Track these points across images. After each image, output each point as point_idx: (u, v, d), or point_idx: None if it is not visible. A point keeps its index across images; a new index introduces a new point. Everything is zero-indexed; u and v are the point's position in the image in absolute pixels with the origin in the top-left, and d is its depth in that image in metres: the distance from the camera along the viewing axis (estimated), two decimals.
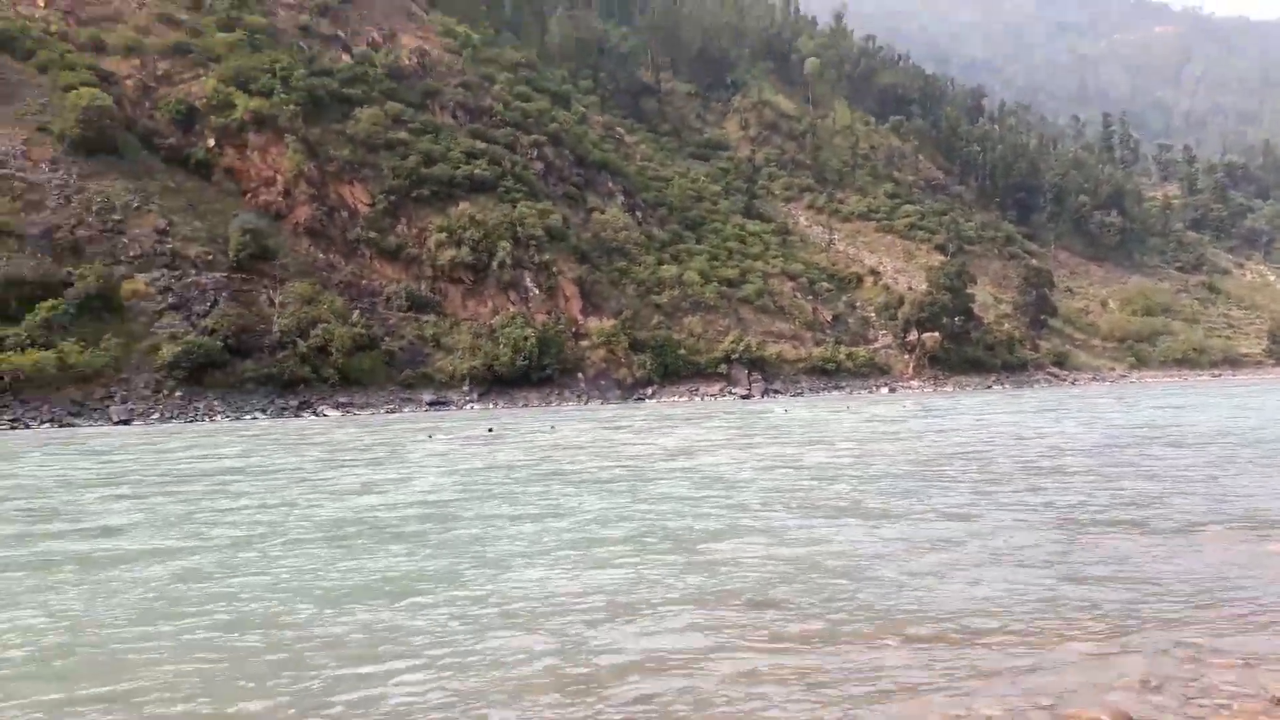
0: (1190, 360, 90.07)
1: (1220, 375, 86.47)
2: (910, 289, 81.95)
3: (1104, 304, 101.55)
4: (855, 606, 8.42)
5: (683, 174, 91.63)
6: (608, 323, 64.98)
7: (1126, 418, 32.75)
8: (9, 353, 44.58)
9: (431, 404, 53.83)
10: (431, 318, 61.80)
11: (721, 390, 64.13)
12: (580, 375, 61.94)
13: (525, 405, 55.77)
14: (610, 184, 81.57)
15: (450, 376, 57.38)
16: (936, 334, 74.21)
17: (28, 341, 45.66)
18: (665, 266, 74.21)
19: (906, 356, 75.26)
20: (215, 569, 10.21)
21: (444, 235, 65.29)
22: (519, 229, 66.98)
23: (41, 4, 69.24)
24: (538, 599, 8.81)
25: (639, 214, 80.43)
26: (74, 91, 59.45)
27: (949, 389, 69.47)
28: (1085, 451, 20.95)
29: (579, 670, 7.07)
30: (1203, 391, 57.76)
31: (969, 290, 78.75)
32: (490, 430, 32.20)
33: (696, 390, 63.50)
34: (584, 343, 64.02)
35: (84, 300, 49.10)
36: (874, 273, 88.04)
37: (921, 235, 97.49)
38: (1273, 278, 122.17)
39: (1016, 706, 6.19)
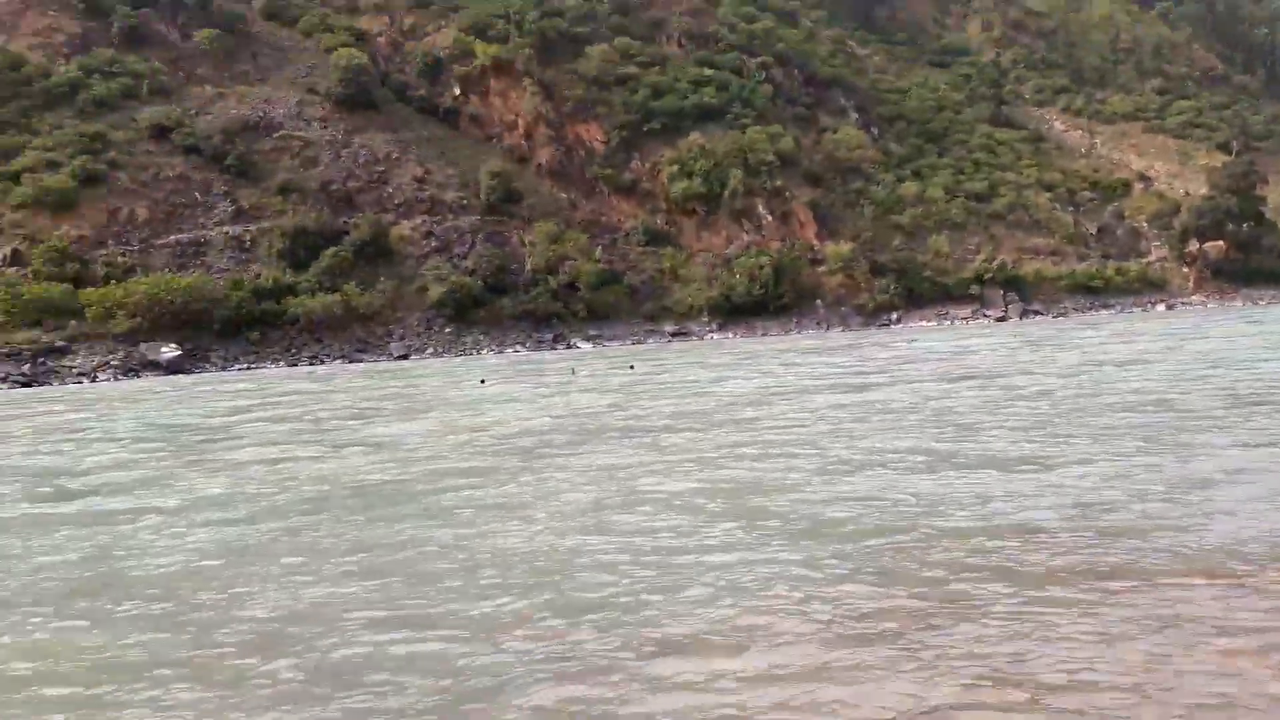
0: None
1: None
2: (1187, 194, 73.74)
3: None
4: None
5: (921, 84, 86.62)
6: (845, 246, 63.05)
7: None
8: (303, 297, 49.44)
9: (674, 334, 54.72)
10: (668, 250, 62.46)
11: (974, 313, 60.90)
12: (818, 302, 60.74)
13: (764, 334, 55.51)
14: (842, 101, 78.50)
15: (689, 308, 57.97)
16: (1220, 243, 66.61)
17: (317, 286, 50.38)
18: (905, 184, 70.88)
19: (1185, 269, 68.16)
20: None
21: (675, 168, 65.49)
22: (749, 156, 66.02)
23: None
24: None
25: (874, 130, 77.01)
26: (335, 52, 64.20)
27: (1237, 303, 62.46)
28: None
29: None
30: None
31: (1258, 192, 69.86)
32: (573, 371, 30.47)
33: (945, 314, 60.69)
34: (821, 268, 62.55)
35: (360, 247, 53.47)
36: (1143, 178, 79.90)
37: (1199, 134, 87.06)
38: None
39: None
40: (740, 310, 58.14)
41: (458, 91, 68.72)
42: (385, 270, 53.79)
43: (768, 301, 58.44)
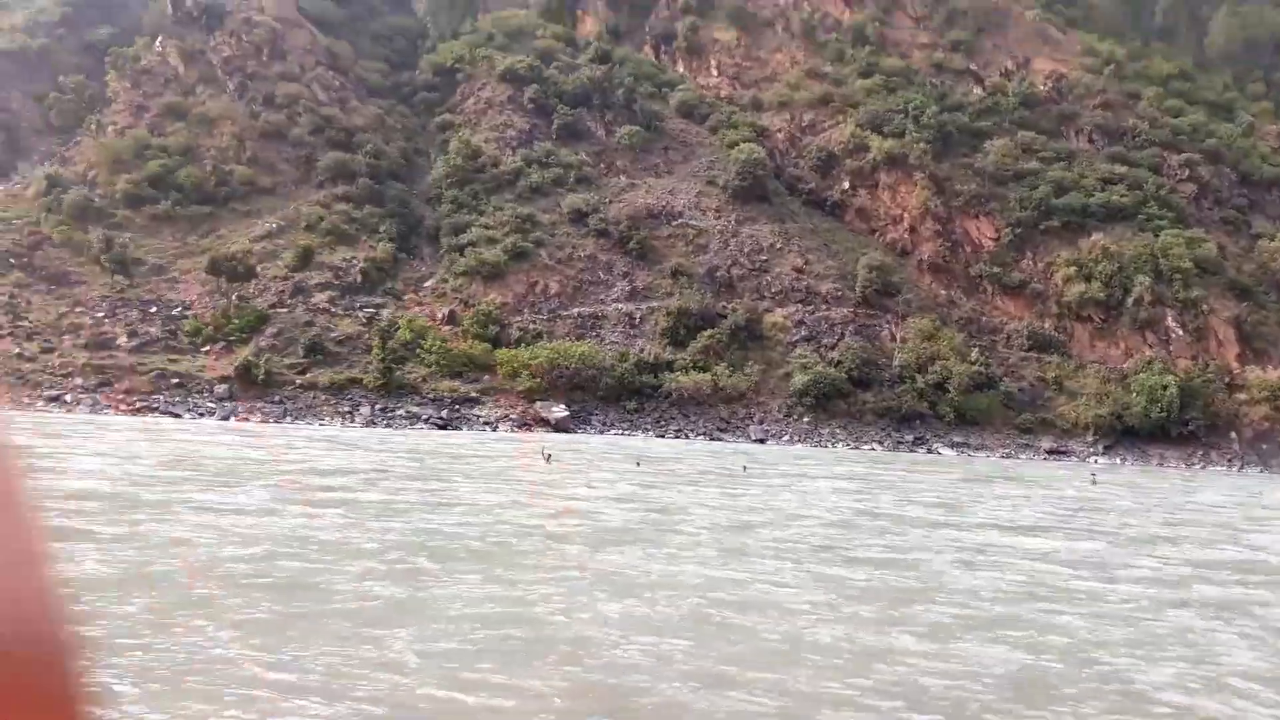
0: None
1: None
2: None
3: None
4: None
5: None
6: (1275, 373, 54.84)
7: None
8: (677, 374, 53.08)
9: (1050, 452, 50.86)
10: (1054, 358, 58.47)
11: None
12: (1234, 435, 53.25)
13: (1160, 464, 49.78)
14: None
15: (1073, 424, 53.63)
16: None
17: (690, 365, 53.82)
18: None
19: None
20: None
21: (1072, 270, 61.35)
22: (1161, 261, 60.07)
23: (715, 74, 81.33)
24: None
25: None
26: (735, 147, 68.72)
27: None
28: None
29: None
30: None
31: None
32: (547, 458, 28.44)
33: None
34: (1241, 396, 54.88)
35: (734, 331, 56.34)
36: None
37: None
38: None
39: None
40: (1134, 434, 52.73)
41: (847, 185, 70.30)
42: (754, 354, 56.08)
43: (1169, 427, 52.38)
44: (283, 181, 67.17)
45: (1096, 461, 49.53)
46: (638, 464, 29.30)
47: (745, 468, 30.04)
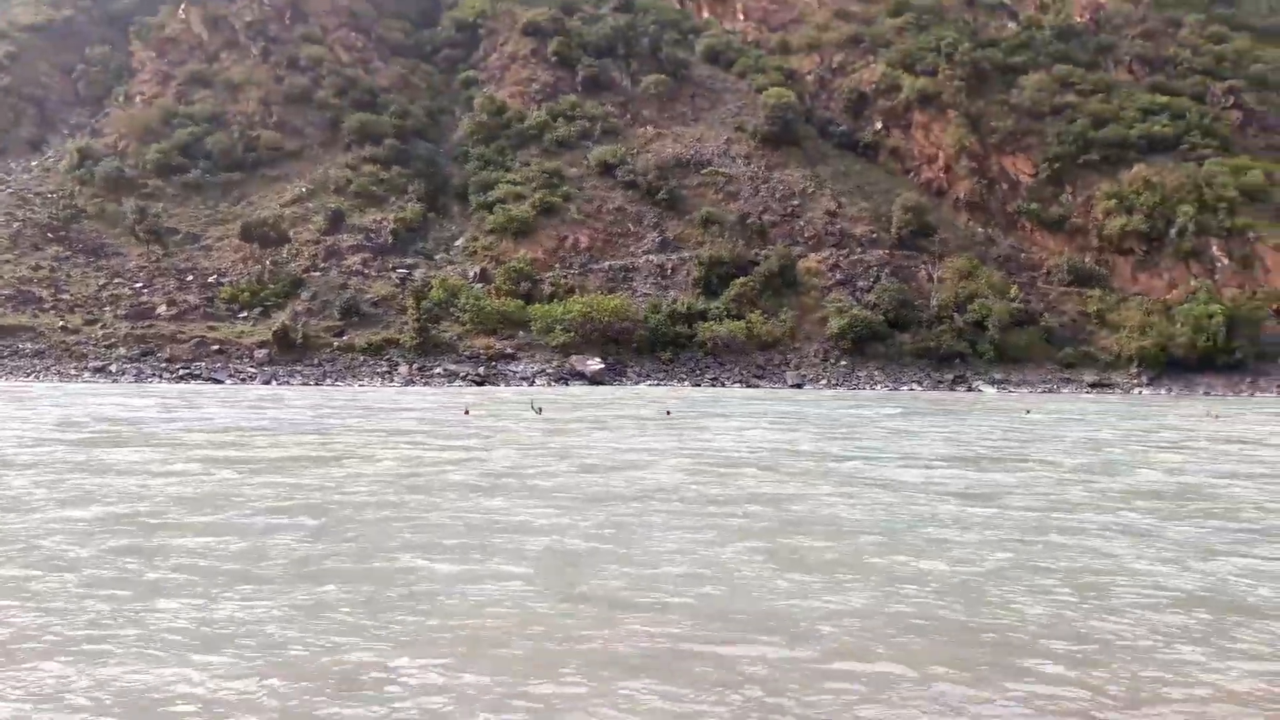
0: None
1: None
2: None
3: None
4: None
5: None
6: None
7: None
8: (710, 323, 52.74)
9: (1093, 385, 50.06)
10: (1096, 292, 57.39)
11: None
12: None
13: (1208, 393, 48.78)
14: None
15: (1116, 357, 52.77)
16: None
17: (724, 313, 53.44)
18: None
19: None
20: None
21: (1113, 202, 60.03)
22: (1205, 190, 58.53)
23: (741, 18, 79.90)
24: None
25: None
26: (765, 92, 67.62)
27: None
28: None
29: None
30: None
31: None
32: (538, 410, 28.17)
33: None
34: None
35: (767, 277, 55.76)
36: None
37: None
38: None
39: None
40: (1179, 365, 51.75)
41: (879, 126, 69.05)
42: (789, 301, 55.56)
43: (1215, 356, 51.38)
44: (310, 145, 67.18)
45: (1141, 393, 48.66)
46: (539, 411, 28.42)
47: (669, 412, 29.58)
